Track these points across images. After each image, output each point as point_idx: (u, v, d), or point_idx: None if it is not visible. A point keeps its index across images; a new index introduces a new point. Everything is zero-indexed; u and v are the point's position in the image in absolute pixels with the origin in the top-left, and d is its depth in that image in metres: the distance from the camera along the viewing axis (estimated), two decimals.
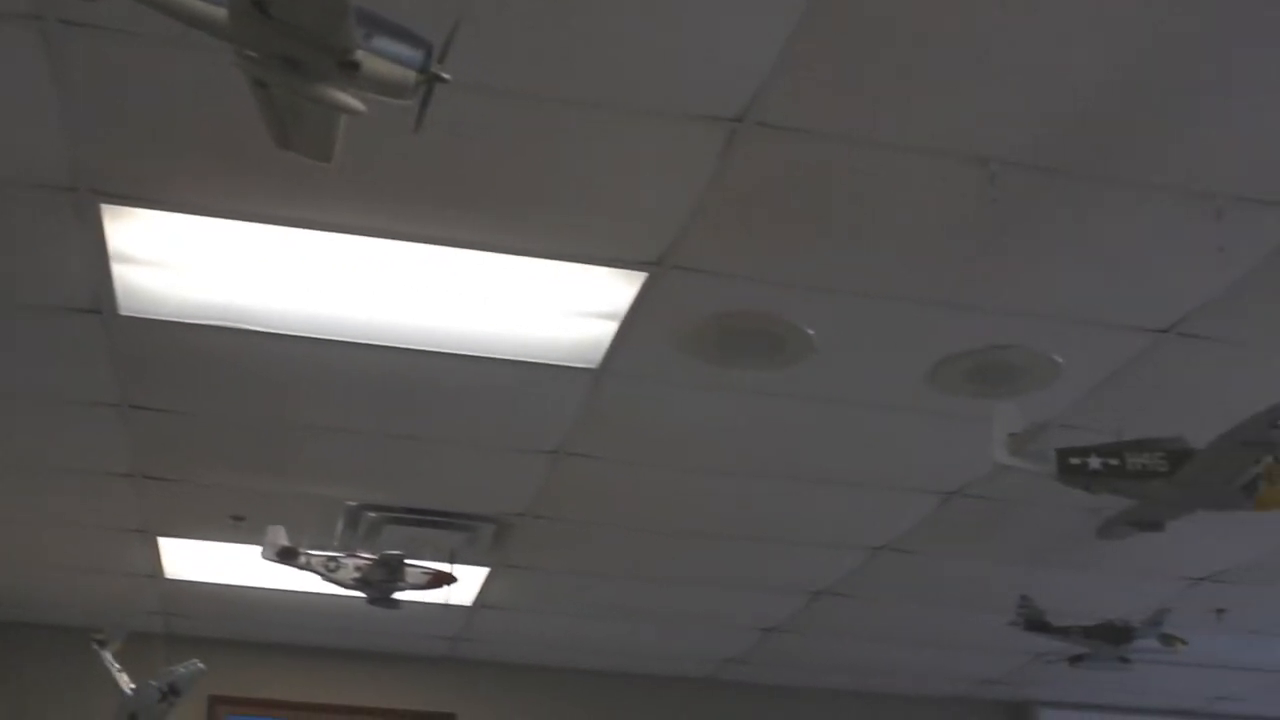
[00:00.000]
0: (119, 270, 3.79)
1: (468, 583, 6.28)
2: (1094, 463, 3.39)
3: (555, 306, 3.95)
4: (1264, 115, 3.06)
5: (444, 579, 5.23)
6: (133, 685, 5.21)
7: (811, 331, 4.00)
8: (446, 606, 6.18)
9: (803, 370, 4.23)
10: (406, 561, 5.07)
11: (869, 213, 3.44)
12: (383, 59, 2.23)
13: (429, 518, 5.39)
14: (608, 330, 4.06)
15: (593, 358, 4.23)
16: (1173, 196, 3.35)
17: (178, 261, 3.76)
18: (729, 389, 4.38)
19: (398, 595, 5.25)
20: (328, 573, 5.04)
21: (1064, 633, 5.37)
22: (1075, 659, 5.79)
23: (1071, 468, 3.39)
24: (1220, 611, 6.50)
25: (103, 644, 5.29)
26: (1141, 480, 3.40)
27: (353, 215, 3.49)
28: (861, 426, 4.63)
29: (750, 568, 6.02)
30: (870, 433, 4.68)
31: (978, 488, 5.09)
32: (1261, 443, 3.28)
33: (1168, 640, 5.48)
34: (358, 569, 5.05)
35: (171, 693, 5.24)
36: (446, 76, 2.30)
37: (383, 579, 5.05)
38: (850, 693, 8.12)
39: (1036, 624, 5.34)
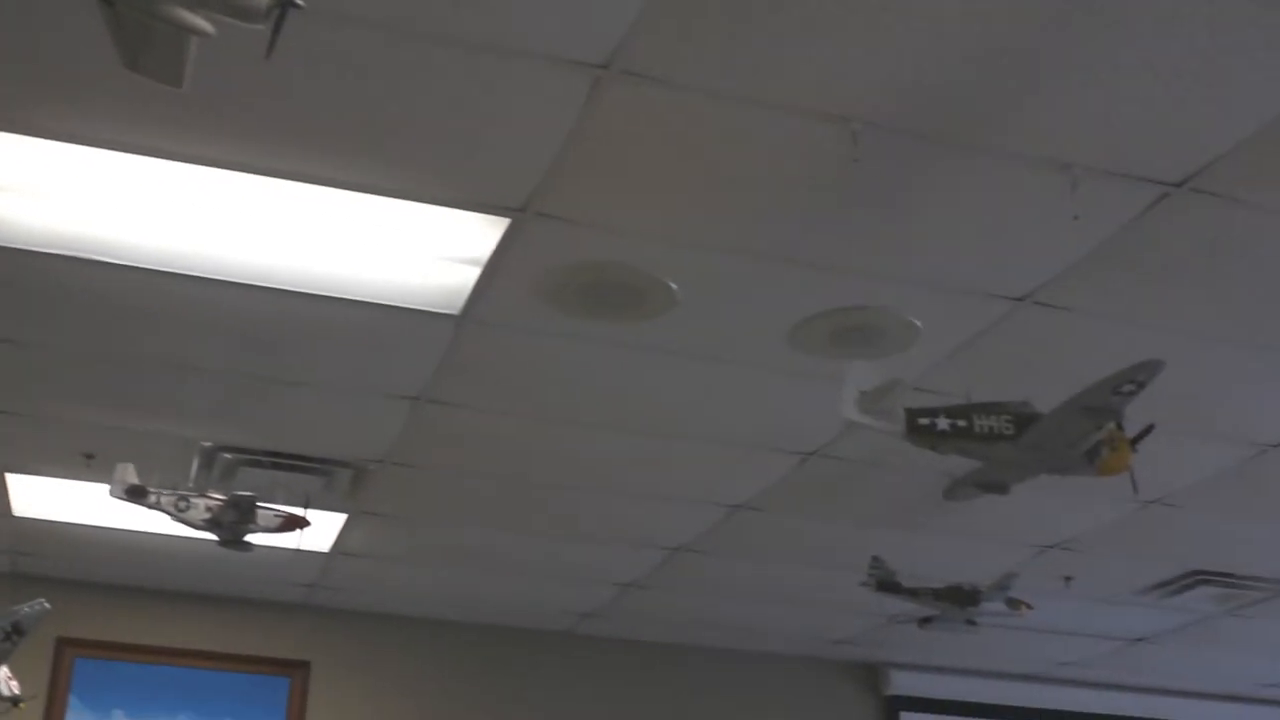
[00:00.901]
0: None
1: (325, 529, 6.22)
2: (942, 423, 3.43)
3: (417, 250, 3.91)
4: (1121, 89, 3.11)
5: (297, 523, 5.17)
6: None
7: (674, 285, 4.00)
8: (299, 552, 6.11)
9: (664, 324, 4.23)
10: (259, 504, 4.99)
11: (732, 168, 3.44)
12: None
13: (285, 461, 5.32)
14: (470, 276, 4.03)
15: (454, 304, 4.20)
16: (1031, 166, 3.39)
17: (24, 187, 3.65)
18: (590, 340, 4.37)
19: (250, 538, 5.17)
20: (178, 513, 4.95)
21: (914, 594, 5.45)
22: (924, 620, 5.88)
23: (919, 428, 3.43)
24: (1068, 579, 6.65)
25: None
26: (987, 442, 3.45)
27: (208, 146, 3.41)
28: (722, 383, 4.65)
29: (609, 522, 6.03)
30: (730, 390, 4.70)
31: (835, 449, 5.14)
32: (1104, 409, 3.34)
33: (1014, 604, 5.59)
34: (208, 509, 4.96)
35: (15, 632, 5.12)
36: (300, 2, 2.25)
37: (234, 520, 4.97)
38: (706, 649, 8.20)
39: (888, 585, 5.42)
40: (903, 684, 8.41)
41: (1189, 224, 3.64)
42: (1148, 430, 3.80)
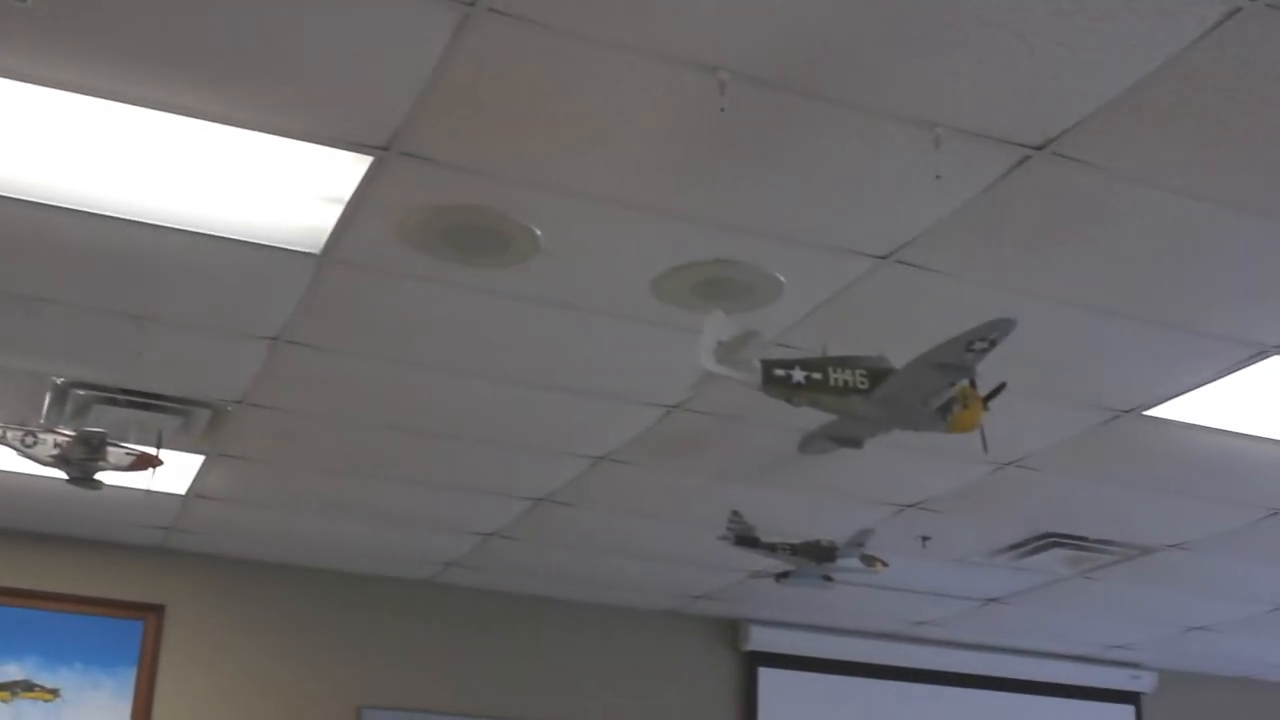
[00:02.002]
0: None
1: (181, 471, 6.12)
2: (797, 375, 3.44)
3: (277, 186, 3.83)
4: (986, 50, 3.12)
5: (149, 461, 5.07)
6: None
7: (538, 231, 3.97)
8: (154, 494, 6.01)
9: (528, 271, 4.20)
10: (109, 441, 4.88)
11: (598, 114, 3.41)
12: None
13: (140, 399, 5.21)
14: (331, 215, 3.96)
15: (315, 243, 4.12)
16: (897, 123, 3.40)
17: None
18: (454, 284, 4.32)
19: (101, 476, 5.06)
20: (24, 448, 4.83)
21: (771, 549, 5.49)
22: (781, 575, 5.94)
23: (775, 379, 3.44)
24: (925, 539, 6.74)
25: None
26: (841, 396, 3.47)
27: (60, 68, 3.30)
28: (586, 333, 4.63)
29: (471, 470, 6.00)
30: (594, 340, 4.68)
31: (698, 402, 5.16)
32: (956, 366, 3.38)
33: (869, 561, 5.67)
34: (57, 445, 4.84)
35: None
36: None
37: (83, 457, 4.86)
38: (568, 602, 8.21)
39: (746, 539, 5.46)
40: (762, 640, 8.49)
41: (1050, 188, 3.68)
42: (999, 389, 3.85)
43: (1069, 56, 3.14)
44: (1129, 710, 9.51)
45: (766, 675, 8.56)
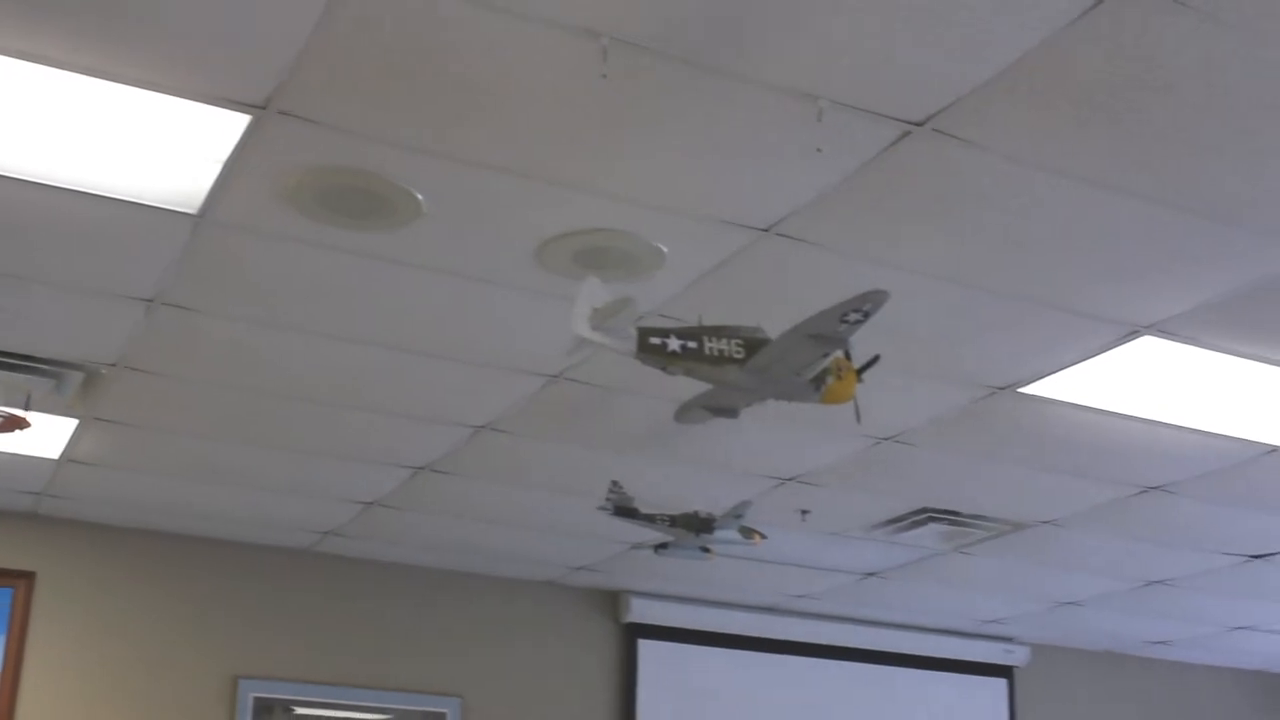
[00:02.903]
0: None
1: (54, 435, 6.01)
2: (673, 344, 3.45)
3: (153, 144, 3.75)
4: (868, 23, 3.14)
5: (17, 423, 4.97)
6: None
7: (420, 196, 3.94)
8: (24, 457, 5.89)
9: (410, 236, 4.17)
10: None
11: (481, 78, 3.38)
12: None
13: (9, 359, 5.10)
14: (209, 174, 3.90)
15: (192, 203, 4.05)
16: (779, 94, 3.42)
17: None
18: (334, 248, 4.28)
19: None
20: None
21: (650, 520, 5.51)
22: (660, 546, 5.96)
23: (650, 347, 3.44)
24: (804, 512, 6.81)
25: None
26: (716, 365, 3.48)
27: None
28: (468, 300, 4.61)
29: (351, 438, 5.95)
30: (475, 307, 4.66)
31: (580, 372, 5.15)
32: (830, 337, 3.40)
33: (747, 533, 5.70)
34: None
35: None
36: None
37: None
38: (449, 572, 8.19)
39: (625, 510, 5.46)
40: (642, 611, 8.53)
41: (929, 164, 3.72)
42: (873, 361, 3.88)
43: (949, 34, 3.18)
44: (1002, 684, 9.70)
45: (646, 647, 8.60)
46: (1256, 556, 7.45)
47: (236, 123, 3.62)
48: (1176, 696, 10.42)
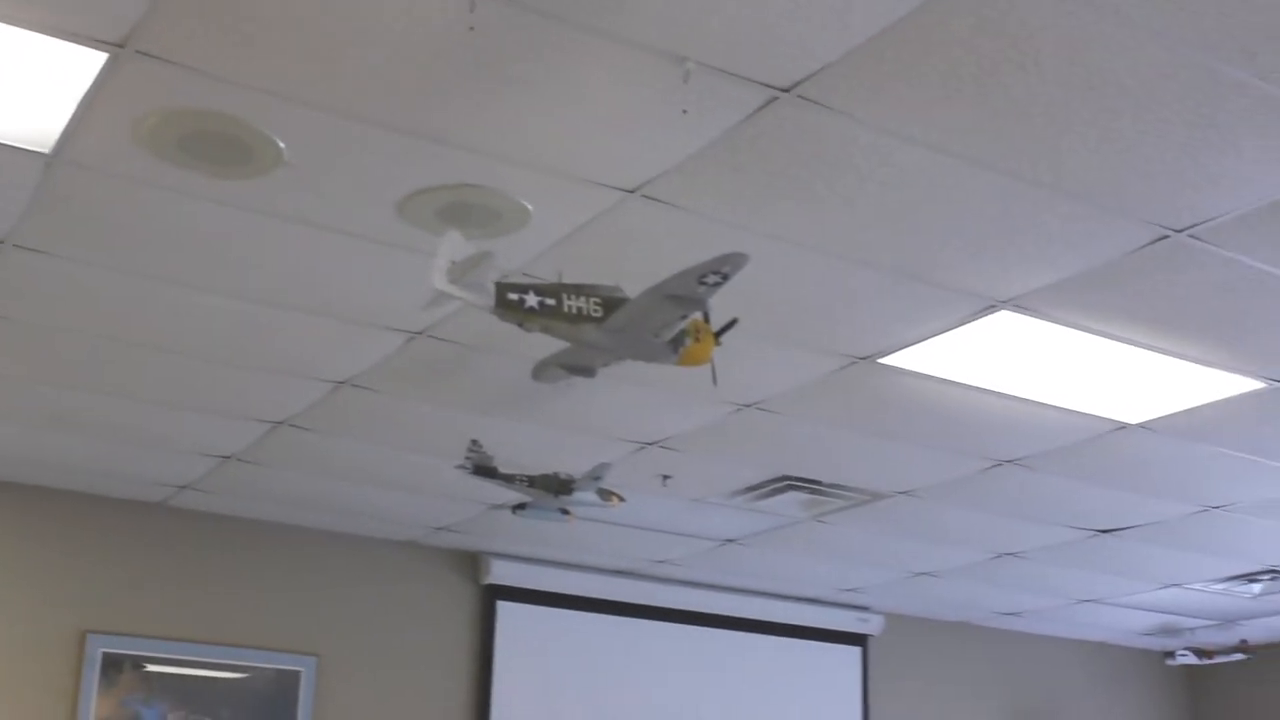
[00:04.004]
0: None
1: None
2: (531, 300, 3.44)
3: (5, 79, 3.64)
4: None
5: None
6: None
7: (281, 144, 3.86)
8: None
9: (271, 184, 4.09)
10: None
11: (346, 24, 3.33)
12: None
13: None
14: (63, 114, 3.79)
15: (45, 142, 3.94)
16: (647, 54, 3.40)
17: None
18: (193, 194, 4.18)
19: None
20: None
21: (509, 480, 5.48)
22: (519, 507, 5.95)
23: (508, 302, 3.42)
24: (666, 477, 6.83)
25: None
26: (574, 323, 3.47)
27: None
28: (329, 252, 4.54)
29: (207, 389, 5.83)
30: (337, 260, 4.59)
31: (442, 329, 5.11)
32: (688, 298, 3.41)
33: (606, 495, 5.71)
34: None
35: None
36: None
37: None
38: (307, 530, 8.11)
39: (484, 469, 5.44)
40: (502, 573, 8.52)
41: (795, 131, 3.73)
42: (731, 324, 3.90)
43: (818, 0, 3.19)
44: (856, 651, 9.86)
45: (505, 609, 8.59)
46: (1104, 531, 7.64)
47: (93, 61, 3.53)
48: (1025, 667, 10.67)
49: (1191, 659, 10.31)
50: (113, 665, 7.42)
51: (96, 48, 3.47)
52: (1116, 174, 3.91)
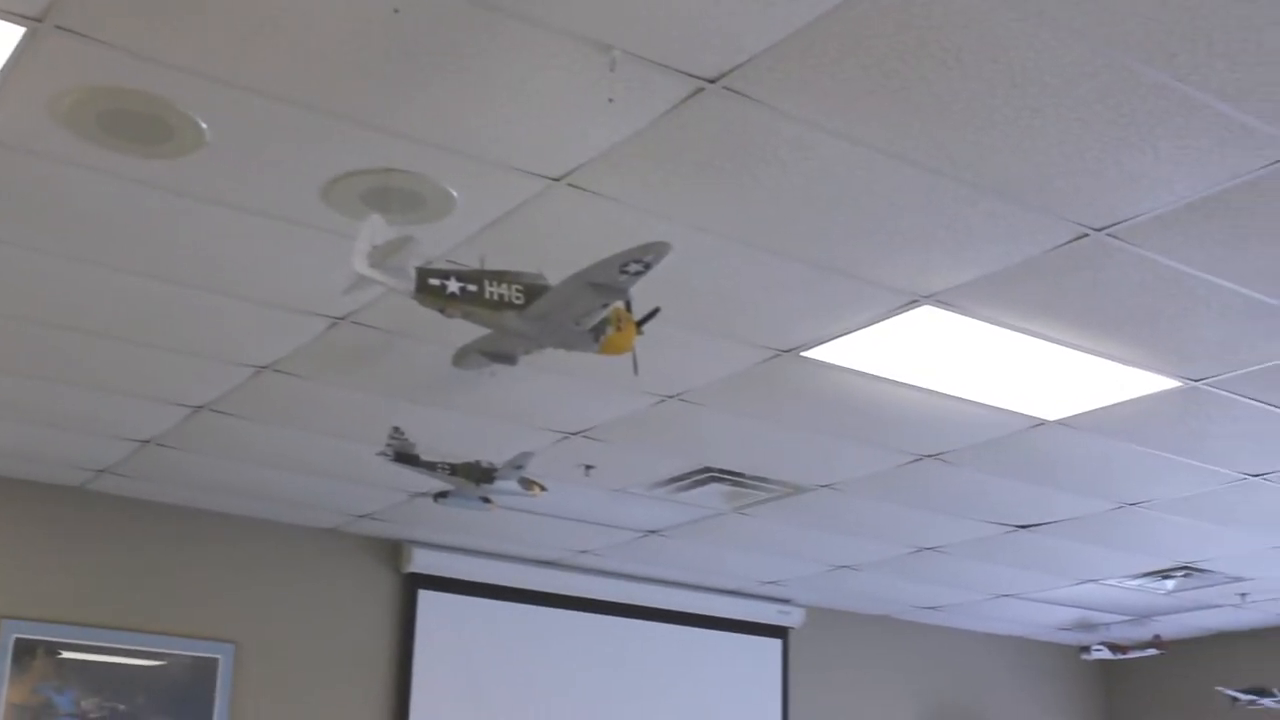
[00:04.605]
0: None
1: None
2: (452, 286, 3.42)
3: None
4: None
5: None
6: None
7: (204, 124, 3.82)
8: None
9: (193, 165, 4.05)
10: None
11: (268, 3, 3.29)
12: None
13: None
14: None
15: None
16: (573, 41, 3.39)
17: None
18: (112, 174, 4.13)
19: None
20: None
21: (430, 467, 5.46)
22: (440, 495, 5.92)
23: (430, 288, 3.41)
24: (588, 467, 6.83)
25: None
26: (496, 310, 3.46)
27: None
28: (251, 235, 4.49)
29: (126, 372, 5.76)
30: (259, 243, 4.55)
31: (365, 315, 5.08)
32: (610, 287, 3.41)
33: (527, 484, 5.69)
34: None
35: None
36: None
37: None
38: (228, 515, 8.04)
39: (405, 456, 5.41)
40: (424, 562, 8.49)
41: (721, 122, 3.74)
42: (653, 313, 3.91)
43: None
44: (777, 644, 9.91)
45: (426, 598, 8.57)
46: (1022, 526, 7.72)
47: (10, 35, 3.47)
48: (944, 661, 10.78)
49: (1106, 654, 10.44)
50: (26, 651, 7.32)
51: (14, 22, 3.42)
52: (1037, 172, 3.95)
